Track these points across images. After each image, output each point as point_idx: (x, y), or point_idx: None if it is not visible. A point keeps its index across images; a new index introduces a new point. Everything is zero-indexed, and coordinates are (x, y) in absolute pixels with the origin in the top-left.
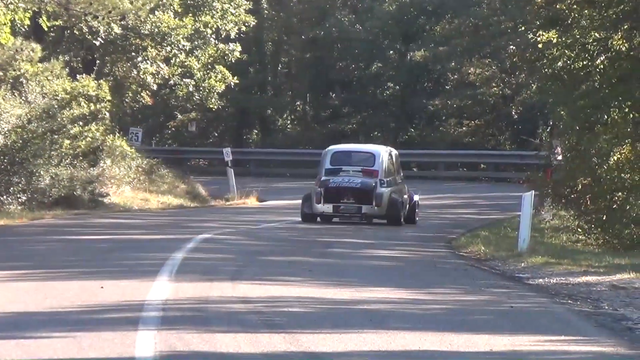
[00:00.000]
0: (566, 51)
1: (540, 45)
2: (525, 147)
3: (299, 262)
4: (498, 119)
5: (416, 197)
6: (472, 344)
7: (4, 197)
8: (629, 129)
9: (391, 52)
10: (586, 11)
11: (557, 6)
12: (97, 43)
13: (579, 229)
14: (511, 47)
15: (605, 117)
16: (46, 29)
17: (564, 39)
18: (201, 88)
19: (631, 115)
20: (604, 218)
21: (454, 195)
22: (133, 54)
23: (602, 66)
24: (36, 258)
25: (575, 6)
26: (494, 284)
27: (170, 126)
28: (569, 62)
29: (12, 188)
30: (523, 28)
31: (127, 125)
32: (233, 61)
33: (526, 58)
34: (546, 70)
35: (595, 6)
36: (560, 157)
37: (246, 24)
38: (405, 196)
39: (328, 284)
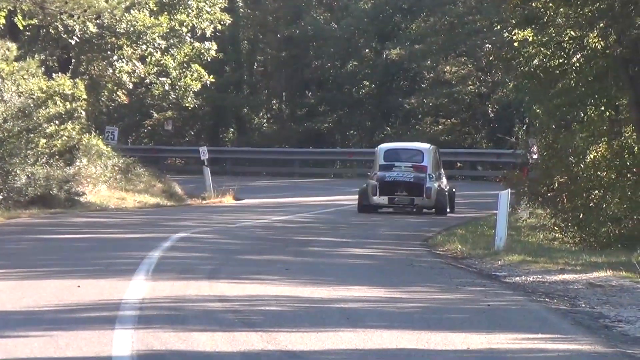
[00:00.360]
0: (542, 49)
1: (516, 44)
2: (502, 145)
3: (276, 261)
4: (474, 117)
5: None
6: (448, 343)
7: None
8: (605, 127)
9: (367, 50)
10: (562, 9)
11: (533, 4)
12: (73, 42)
13: (555, 227)
14: (487, 45)
15: (582, 115)
16: (22, 27)
17: (539, 37)
18: (177, 87)
19: (607, 113)
20: (581, 216)
21: None
22: (109, 52)
23: (577, 64)
24: (13, 257)
25: (550, 4)
26: (470, 282)
27: (146, 125)
28: (544, 60)
29: None
30: (499, 26)
31: (103, 124)
32: (209, 60)
33: (502, 56)
34: (522, 68)
35: (570, 4)
36: (536, 156)
37: (222, 23)
38: (447, 188)
39: (305, 282)
